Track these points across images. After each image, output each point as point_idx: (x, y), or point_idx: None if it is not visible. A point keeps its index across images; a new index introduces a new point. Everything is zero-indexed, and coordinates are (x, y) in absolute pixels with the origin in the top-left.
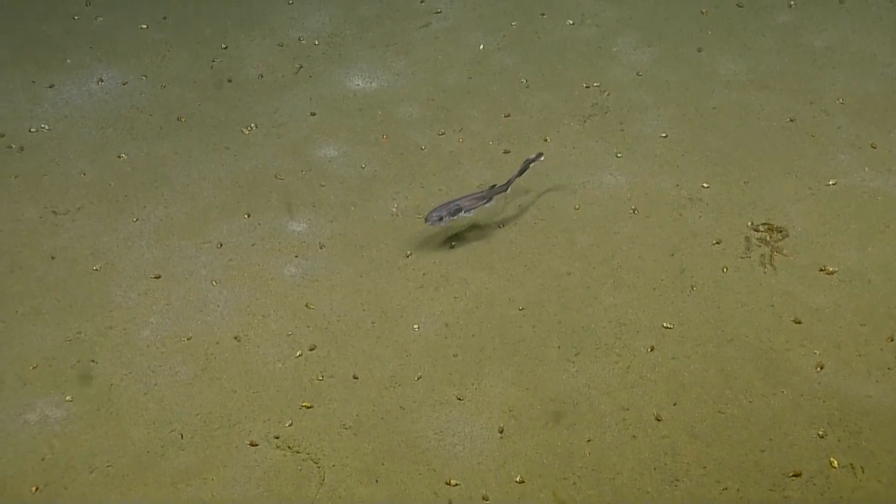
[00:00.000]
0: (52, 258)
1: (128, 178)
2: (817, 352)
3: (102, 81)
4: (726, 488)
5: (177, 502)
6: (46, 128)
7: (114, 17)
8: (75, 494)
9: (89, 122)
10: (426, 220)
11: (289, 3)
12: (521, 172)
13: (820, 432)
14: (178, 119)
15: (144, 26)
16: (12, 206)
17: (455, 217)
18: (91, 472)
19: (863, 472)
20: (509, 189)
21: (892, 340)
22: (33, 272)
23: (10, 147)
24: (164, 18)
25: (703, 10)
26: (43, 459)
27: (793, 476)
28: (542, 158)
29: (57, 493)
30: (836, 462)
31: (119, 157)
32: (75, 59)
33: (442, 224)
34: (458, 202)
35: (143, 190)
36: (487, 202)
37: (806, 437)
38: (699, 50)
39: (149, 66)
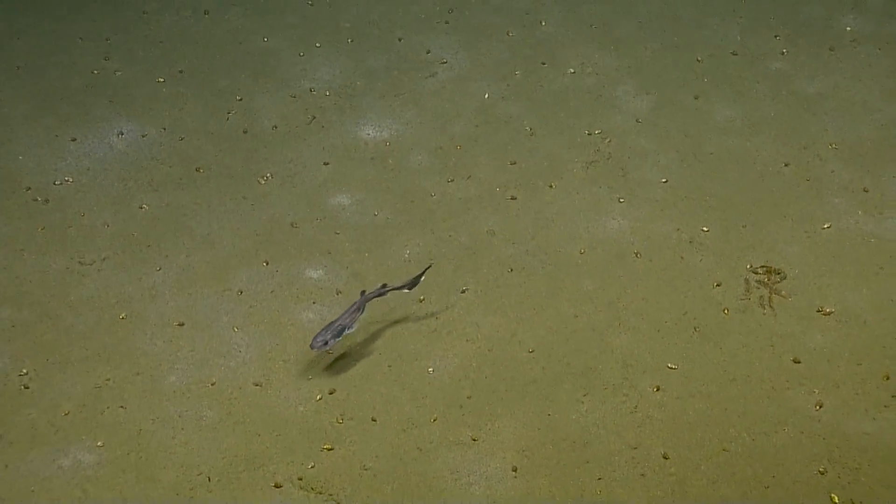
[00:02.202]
0: (79, 308)
1: (150, 228)
2: (816, 390)
3: (122, 134)
4: None
5: None
6: (70, 180)
7: (131, 71)
8: None
9: (111, 175)
10: (312, 346)
11: (300, 56)
12: (414, 283)
13: (820, 469)
14: (196, 170)
15: (161, 80)
16: (40, 257)
17: (340, 338)
18: None
19: None
20: (387, 293)
21: (887, 379)
22: (62, 321)
23: (37, 200)
24: (181, 72)
25: (699, 59)
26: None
27: None
28: (424, 278)
29: None
30: (836, 498)
31: (141, 207)
32: (96, 112)
33: (328, 348)
34: (339, 322)
35: (164, 239)
36: (362, 311)
37: (807, 473)
38: (696, 97)
39: (167, 118)
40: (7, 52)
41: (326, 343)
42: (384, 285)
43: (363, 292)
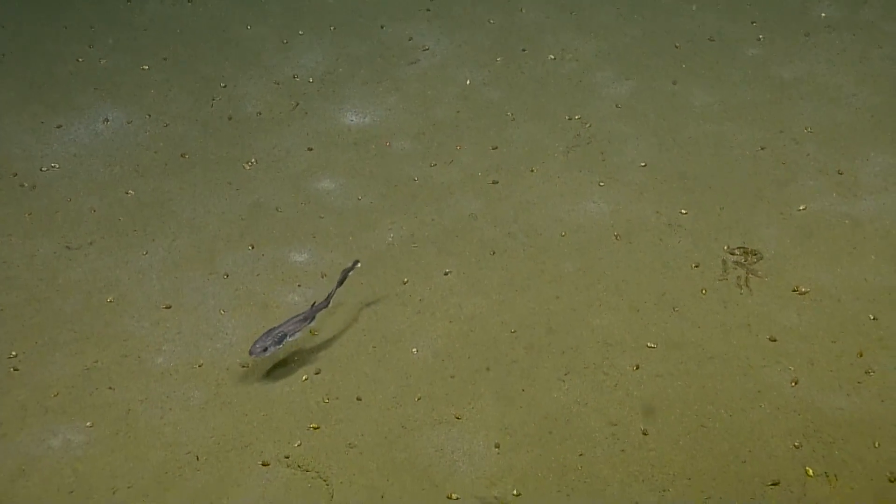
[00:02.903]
0: (67, 291)
1: (136, 213)
2: (792, 368)
3: (108, 121)
4: (710, 497)
5: None
6: (56, 166)
7: (116, 59)
8: None
9: (97, 161)
10: (251, 352)
11: (283, 43)
12: (340, 283)
13: (796, 443)
14: (181, 156)
15: (146, 67)
16: (27, 241)
17: (281, 345)
18: (113, 493)
19: (836, 479)
20: (329, 303)
21: (861, 356)
22: (50, 305)
23: (23, 185)
24: (165, 59)
25: (677, 45)
26: (67, 482)
27: (771, 485)
28: (359, 265)
29: None
30: (811, 471)
31: (127, 193)
32: (81, 99)
33: (267, 355)
34: (282, 328)
35: (151, 224)
36: (311, 322)
37: (783, 448)
38: (674, 83)
39: (152, 105)
40: None
41: (266, 350)
42: (329, 295)
43: (314, 304)
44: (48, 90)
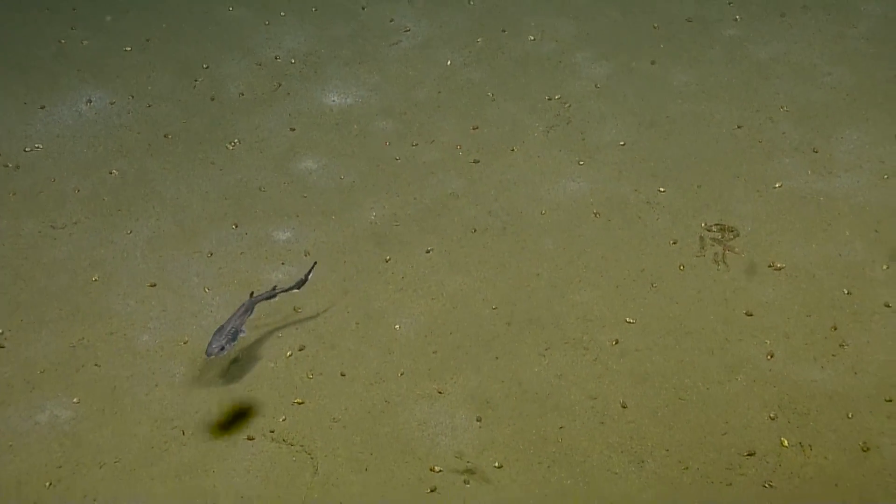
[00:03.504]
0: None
1: (120, 192)
2: (768, 341)
3: (91, 102)
4: (687, 468)
5: (182, 493)
6: (40, 147)
7: (98, 40)
8: (87, 488)
9: (81, 141)
10: (209, 353)
11: (265, 24)
12: (296, 286)
13: (771, 415)
14: (164, 136)
15: (128, 49)
16: (12, 221)
17: (236, 341)
18: (100, 468)
19: (811, 449)
20: (276, 297)
21: (835, 330)
22: (36, 283)
23: (7, 166)
24: (147, 41)
25: (655, 25)
26: (55, 457)
27: (747, 455)
28: (312, 276)
29: (69, 487)
30: (786, 441)
31: (111, 173)
32: (64, 81)
33: (224, 353)
34: (230, 326)
35: (135, 204)
36: (251, 313)
37: (759, 419)
38: (652, 63)
39: (134, 86)
40: None
41: (223, 349)
42: (274, 287)
43: (252, 294)
44: (31, 72)
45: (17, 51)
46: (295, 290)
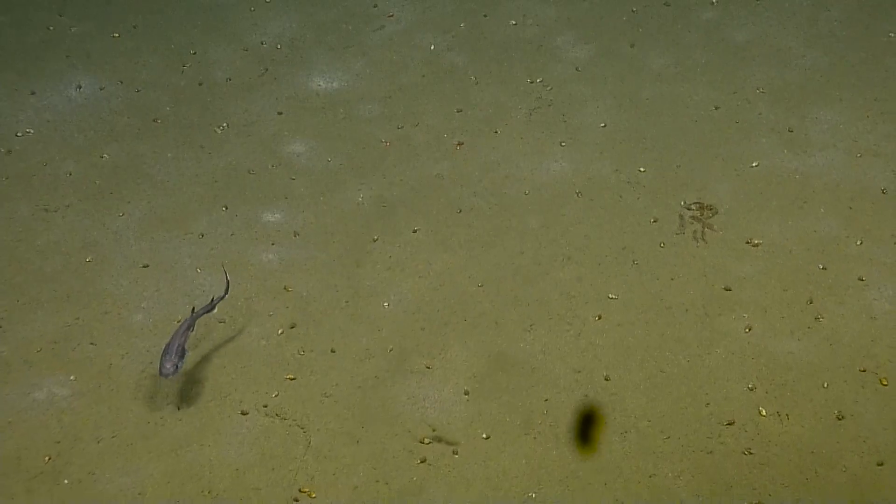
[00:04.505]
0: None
1: (111, 176)
2: (746, 315)
3: (81, 87)
4: (669, 437)
5: (178, 466)
6: (31, 132)
7: (86, 26)
8: (85, 462)
9: (71, 126)
10: (163, 374)
11: (251, 10)
12: (224, 295)
13: (750, 386)
14: (154, 121)
15: (116, 35)
16: (6, 204)
17: (185, 358)
18: (98, 443)
19: (788, 418)
20: (214, 309)
21: (811, 303)
22: (30, 265)
23: None
24: (135, 27)
25: (634, 9)
26: (53, 432)
27: (727, 424)
28: (227, 295)
29: (68, 461)
30: (764, 411)
31: (102, 157)
32: (53, 67)
33: (179, 372)
34: (176, 343)
35: (126, 187)
36: (192, 329)
37: (738, 390)
38: (632, 45)
39: (123, 72)
40: None
41: (177, 367)
42: (212, 299)
43: (193, 309)
44: (20, 58)
45: (6, 37)
46: (225, 296)
